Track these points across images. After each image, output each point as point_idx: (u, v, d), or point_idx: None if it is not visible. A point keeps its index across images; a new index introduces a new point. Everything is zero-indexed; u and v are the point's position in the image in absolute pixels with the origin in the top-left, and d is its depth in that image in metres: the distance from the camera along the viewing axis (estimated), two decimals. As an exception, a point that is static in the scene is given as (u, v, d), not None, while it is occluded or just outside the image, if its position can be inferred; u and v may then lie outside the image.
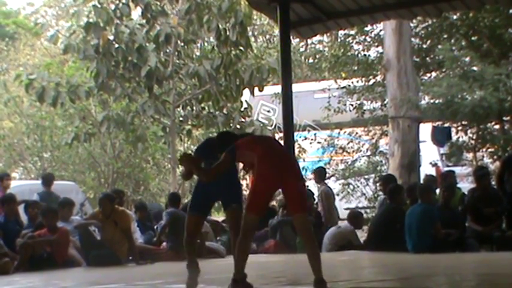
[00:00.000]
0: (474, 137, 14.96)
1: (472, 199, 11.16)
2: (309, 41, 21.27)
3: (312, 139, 17.86)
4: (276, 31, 19.18)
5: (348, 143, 17.79)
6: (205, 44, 17.36)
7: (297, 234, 6.42)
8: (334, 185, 17.28)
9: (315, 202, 12.67)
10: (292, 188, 6.18)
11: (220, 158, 6.29)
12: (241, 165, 6.89)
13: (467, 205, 11.10)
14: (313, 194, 12.74)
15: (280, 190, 6.45)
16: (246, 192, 7.80)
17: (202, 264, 10.24)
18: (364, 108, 17.27)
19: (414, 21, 15.52)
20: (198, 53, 16.68)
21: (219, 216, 14.23)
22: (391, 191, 11.22)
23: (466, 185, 13.90)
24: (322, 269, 6.04)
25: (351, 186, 17.12)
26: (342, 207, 17.45)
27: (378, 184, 14.47)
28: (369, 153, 17.56)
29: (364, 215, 16.62)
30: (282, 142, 12.14)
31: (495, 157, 14.91)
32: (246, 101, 15.60)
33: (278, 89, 14.52)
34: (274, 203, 14.88)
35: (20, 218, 11.17)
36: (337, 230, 11.36)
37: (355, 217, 11.64)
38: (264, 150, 6.26)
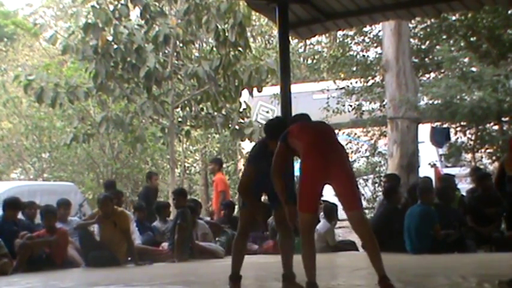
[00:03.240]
0: (473, 138, 14.97)
1: (472, 199, 11.17)
2: (308, 42, 21.29)
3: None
4: (275, 32, 19.22)
5: (347, 144, 17.79)
6: (204, 44, 17.36)
7: (355, 231, 6.07)
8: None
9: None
10: (343, 184, 5.90)
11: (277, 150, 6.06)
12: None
13: (468, 206, 11.12)
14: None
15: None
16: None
17: (201, 266, 10.27)
18: (363, 109, 17.28)
19: (413, 22, 15.54)
20: (197, 54, 16.67)
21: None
22: (386, 191, 11.23)
23: (464, 186, 13.92)
24: (320, 270, 6.01)
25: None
26: (341, 207, 17.45)
27: (382, 181, 14.41)
28: (367, 154, 17.58)
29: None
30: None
31: (494, 158, 14.92)
32: (244, 101, 15.59)
33: (277, 89, 14.55)
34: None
35: (16, 219, 11.14)
36: (316, 232, 11.36)
37: (328, 210, 11.65)
38: (309, 142, 5.98)
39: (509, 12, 15.04)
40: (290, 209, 6.10)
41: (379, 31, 16.32)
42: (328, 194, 15.63)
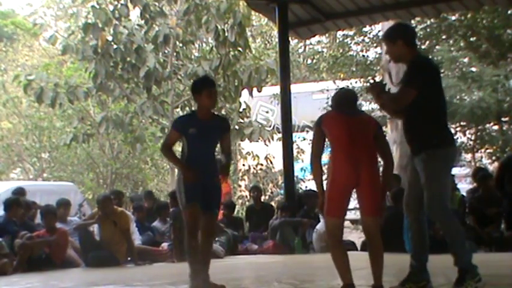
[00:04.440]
0: (473, 138, 14.97)
1: (473, 200, 11.16)
2: (308, 42, 21.30)
3: (310, 140, 17.84)
4: (275, 32, 19.22)
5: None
6: (204, 44, 17.37)
7: (366, 236, 5.95)
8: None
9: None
10: (366, 187, 5.70)
11: (313, 136, 5.92)
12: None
13: (470, 206, 11.10)
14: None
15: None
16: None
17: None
18: (363, 109, 17.25)
19: (413, 22, 15.52)
20: (196, 54, 16.69)
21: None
22: (395, 194, 11.12)
23: (464, 186, 13.90)
24: (320, 270, 6.01)
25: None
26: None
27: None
28: (367, 154, 17.54)
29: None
30: (281, 143, 12.20)
31: (494, 158, 14.92)
32: (244, 101, 15.60)
33: (277, 89, 14.54)
34: (273, 203, 14.90)
35: (19, 218, 11.13)
36: (316, 232, 11.38)
37: None
38: (340, 137, 5.74)
39: (509, 12, 15.04)
40: (322, 196, 5.86)
41: (379, 31, 16.32)
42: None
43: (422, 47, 16.77)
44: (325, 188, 5.79)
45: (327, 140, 5.88)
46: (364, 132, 5.84)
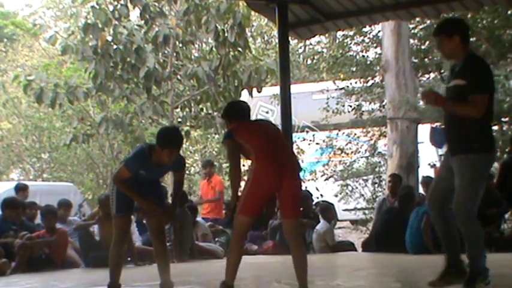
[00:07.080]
0: (473, 138, 14.92)
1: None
2: (308, 42, 21.30)
3: (310, 140, 17.88)
4: (275, 32, 19.22)
5: (347, 144, 17.80)
6: (204, 45, 17.35)
7: (287, 238, 5.97)
8: (332, 186, 17.31)
9: (314, 203, 12.66)
10: (289, 191, 5.72)
11: (225, 149, 5.92)
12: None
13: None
14: (311, 194, 12.73)
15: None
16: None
17: (201, 266, 10.26)
18: (363, 109, 17.27)
19: (413, 22, 15.54)
20: (196, 54, 16.67)
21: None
22: (401, 197, 11.07)
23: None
24: (320, 270, 6.00)
25: (350, 187, 17.12)
26: (341, 208, 17.47)
27: (387, 181, 14.35)
28: (367, 154, 17.57)
29: (363, 216, 16.67)
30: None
31: (494, 158, 14.89)
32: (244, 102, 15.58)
33: (276, 90, 14.52)
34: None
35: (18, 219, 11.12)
36: (316, 233, 11.40)
37: (324, 209, 11.66)
38: (261, 145, 5.75)
39: (509, 12, 15.03)
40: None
41: (379, 31, 16.31)
42: (326, 193, 15.52)
43: (422, 47, 16.79)
44: (244, 189, 5.77)
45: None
46: (280, 136, 5.98)
